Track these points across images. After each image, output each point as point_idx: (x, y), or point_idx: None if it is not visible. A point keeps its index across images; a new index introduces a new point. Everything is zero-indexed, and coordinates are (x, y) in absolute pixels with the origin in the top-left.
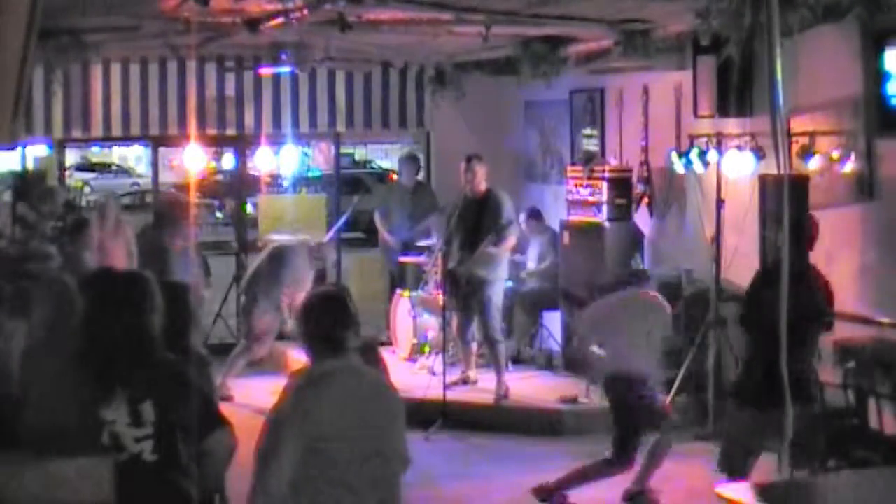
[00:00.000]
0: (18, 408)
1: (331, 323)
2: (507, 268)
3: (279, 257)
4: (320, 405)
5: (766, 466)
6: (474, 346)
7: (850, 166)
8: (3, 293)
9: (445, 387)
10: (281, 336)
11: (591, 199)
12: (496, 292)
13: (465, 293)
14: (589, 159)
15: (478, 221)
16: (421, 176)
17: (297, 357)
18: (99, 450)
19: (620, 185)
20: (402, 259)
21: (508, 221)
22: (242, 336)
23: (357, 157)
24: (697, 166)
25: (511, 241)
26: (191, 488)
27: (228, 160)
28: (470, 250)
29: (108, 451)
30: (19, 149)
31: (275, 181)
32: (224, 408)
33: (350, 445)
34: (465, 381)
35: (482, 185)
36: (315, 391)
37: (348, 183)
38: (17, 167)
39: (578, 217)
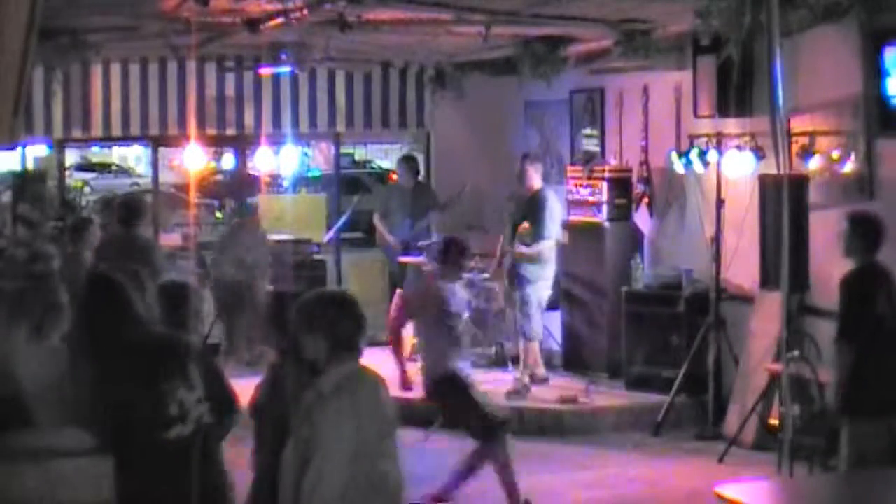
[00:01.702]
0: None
1: (353, 325)
2: (552, 268)
3: None
4: (355, 412)
5: (766, 467)
6: (521, 342)
7: (850, 166)
8: (5, 294)
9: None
10: None
11: (591, 199)
12: (536, 291)
13: (511, 290)
14: (589, 159)
15: (521, 220)
16: (421, 176)
17: None
18: (167, 424)
19: (620, 185)
20: (402, 259)
21: (545, 223)
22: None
23: (357, 157)
24: (697, 166)
25: (544, 244)
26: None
27: (228, 160)
28: (513, 247)
29: (174, 423)
30: (19, 149)
31: (275, 181)
32: None
33: (387, 446)
34: (532, 380)
35: (533, 184)
36: (346, 399)
37: (348, 183)
38: (17, 167)
39: (578, 217)
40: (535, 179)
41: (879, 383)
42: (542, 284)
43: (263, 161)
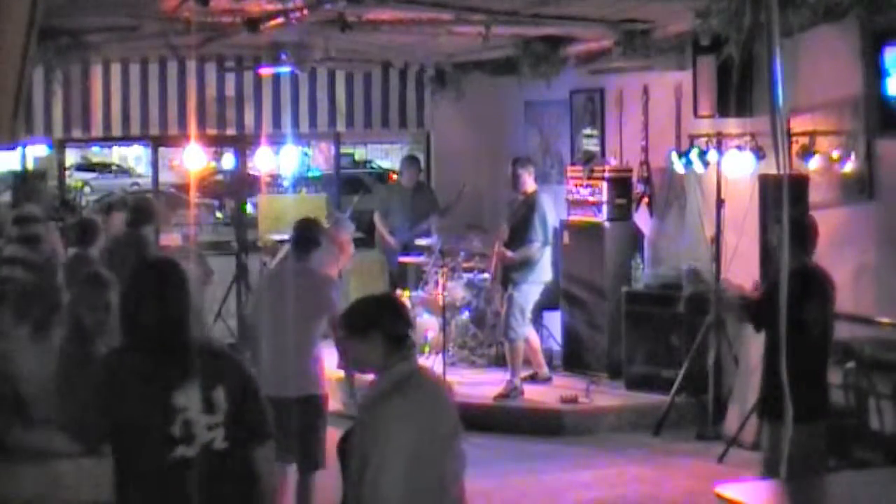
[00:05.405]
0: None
1: (405, 324)
2: (542, 272)
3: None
4: (411, 414)
5: None
6: (519, 343)
7: (850, 166)
8: (7, 294)
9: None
10: None
11: (591, 199)
12: (522, 293)
13: (501, 291)
14: (589, 159)
15: (516, 223)
16: (421, 176)
17: None
18: (168, 444)
19: (620, 185)
20: (402, 259)
21: (535, 225)
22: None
23: (357, 157)
24: (697, 166)
25: (529, 248)
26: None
27: (228, 160)
28: (509, 249)
29: (175, 445)
30: (19, 149)
31: (275, 181)
32: None
33: (446, 445)
34: (535, 379)
35: (527, 188)
36: (401, 400)
37: (348, 183)
38: (17, 167)
39: (578, 217)
40: (529, 183)
41: (805, 389)
42: (527, 288)
43: (263, 161)
